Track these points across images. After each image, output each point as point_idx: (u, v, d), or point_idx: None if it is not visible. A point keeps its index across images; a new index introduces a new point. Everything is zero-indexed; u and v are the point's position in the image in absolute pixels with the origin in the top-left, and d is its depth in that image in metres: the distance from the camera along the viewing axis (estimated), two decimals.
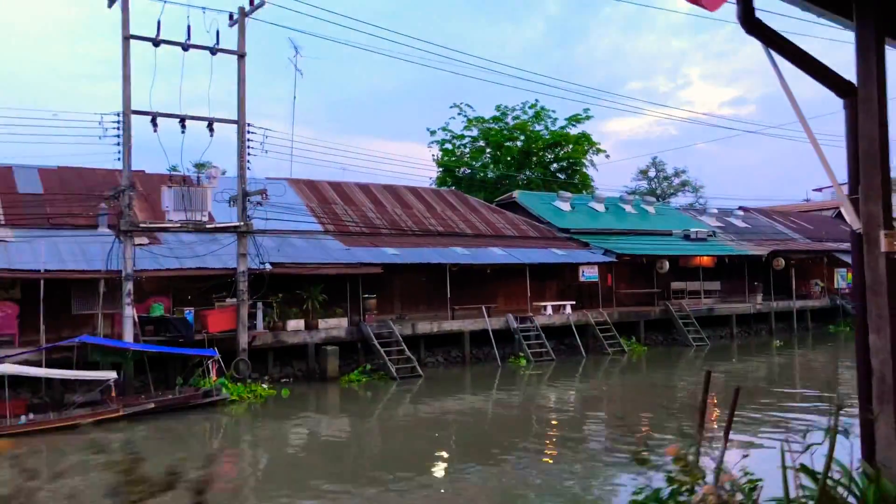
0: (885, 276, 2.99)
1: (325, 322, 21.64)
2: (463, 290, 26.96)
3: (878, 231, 3.01)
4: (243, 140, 19.12)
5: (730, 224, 37.96)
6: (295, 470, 12.89)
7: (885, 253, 3.00)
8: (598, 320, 27.11)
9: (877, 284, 3.01)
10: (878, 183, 3.01)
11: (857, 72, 3.12)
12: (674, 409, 17.78)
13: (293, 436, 15.76)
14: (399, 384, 20.76)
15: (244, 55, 19.18)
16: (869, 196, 3.03)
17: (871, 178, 3.04)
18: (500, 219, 30.03)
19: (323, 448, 14.76)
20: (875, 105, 3.01)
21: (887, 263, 3.00)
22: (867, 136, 3.04)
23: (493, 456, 13.12)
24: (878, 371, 3.00)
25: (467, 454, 13.50)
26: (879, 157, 3.01)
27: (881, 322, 2.99)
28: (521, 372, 23.30)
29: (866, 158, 3.04)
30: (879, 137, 3.01)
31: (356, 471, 12.64)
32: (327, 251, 22.43)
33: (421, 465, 12.80)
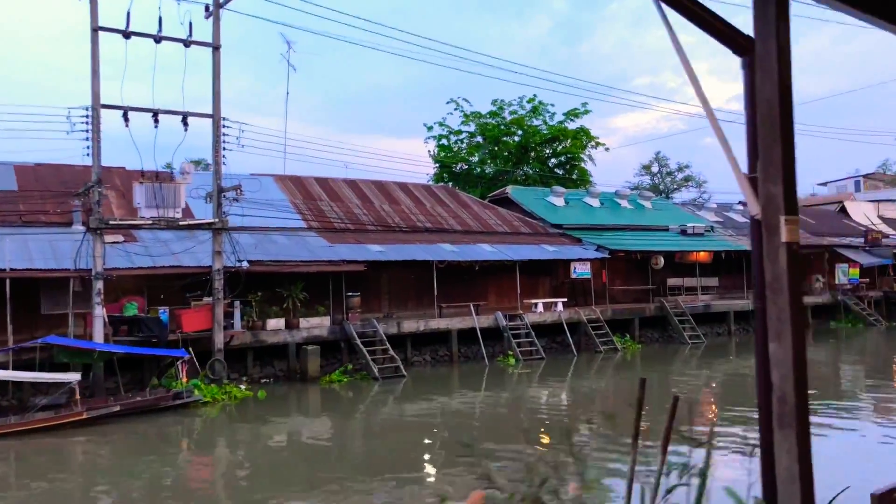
0: (787, 272, 2.44)
1: (306, 321, 21.15)
2: (453, 288, 26.43)
3: (778, 217, 2.46)
4: (218, 135, 18.64)
5: (729, 219, 37.27)
6: (263, 477, 12.40)
7: (786, 243, 2.45)
8: (590, 318, 26.53)
9: (777, 281, 2.46)
10: (779, 157, 2.46)
11: (755, 24, 2.57)
12: (653, 410, 17.23)
13: (265, 439, 15.25)
14: (381, 384, 20.26)
15: (219, 47, 18.69)
16: (768, 174, 2.49)
17: (770, 151, 2.49)
18: (492, 215, 29.47)
19: (295, 452, 14.26)
20: (774, 63, 2.46)
21: (789, 256, 2.45)
22: (766, 101, 2.49)
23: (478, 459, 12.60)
24: (778, 388, 2.45)
25: (452, 458, 12.98)
26: (780, 125, 2.46)
27: (782, 327, 2.44)
28: (509, 371, 22.77)
29: (765, 127, 2.49)
30: (780, 102, 2.46)
31: (331, 478, 12.10)
32: (309, 248, 21.93)
33: (403, 469, 12.29)
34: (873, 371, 23.33)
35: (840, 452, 12.19)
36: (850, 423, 15.02)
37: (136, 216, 19.60)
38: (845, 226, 43.57)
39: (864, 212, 48.82)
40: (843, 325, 33.35)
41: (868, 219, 47.44)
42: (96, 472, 12.67)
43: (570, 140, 45.95)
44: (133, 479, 11.89)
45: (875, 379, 21.78)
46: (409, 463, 12.81)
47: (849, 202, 49.76)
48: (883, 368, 23.92)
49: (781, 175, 2.45)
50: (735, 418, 15.56)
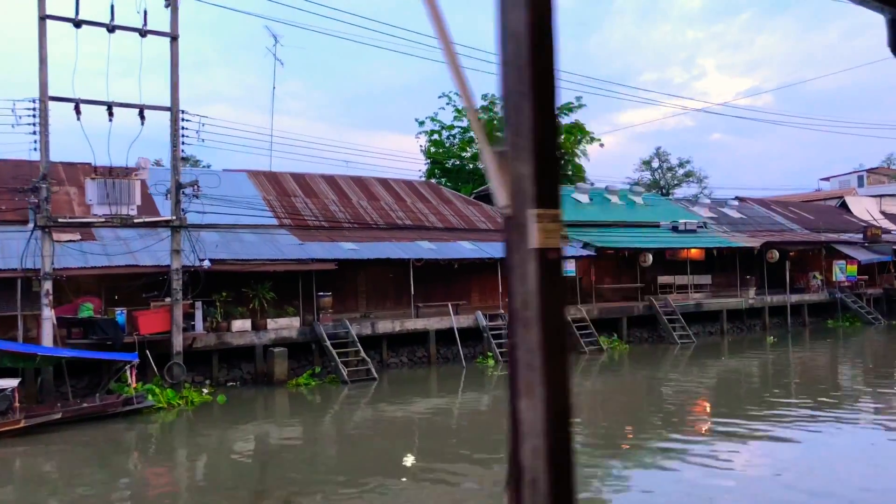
0: (539, 295, 1.63)
1: (274, 322, 20.38)
2: (434, 287, 25.64)
3: (524, 211, 1.65)
4: (177, 128, 17.86)
5: (723, 215, 36.32)
6: (212, 488, 11.65)
7: (537, 250, 1.64)
8: (574, 317, 25.66)
9: (526, 309, 1.65)
10: (529, 121, 1.64)
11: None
12: (635, 414, 16.41)
13: (218, 447, 14.47)
14: (350, 388, 19.48)
15: (177, 37, 17.91)
16: (516, 146, 1.66)
17: (519, 111, 1.66)
18: (475, 211, 28.64)
19: (249, 460, 13.47)
20: None
21: (543, 271, 1.64)
22: (514, 36, 1.66)
23: (441, 472, 11.82)
24: (529, 469, 1.63)
25: (421, 468, 12.19)
26: (531, 73, 1.64)
27: (531, 376, 1.64)
28: (488, 373, 21.95)
29: (512, 76, 1.67)
30: (531, 36, 1.64)
31: (279, 489, 11.33)
32: (279, 246, 21.15)
33: (371, 476, 11.49)
34: (871, 373, 22.41)
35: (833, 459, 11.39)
36: (849, 427, 14.17)
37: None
38: (846, 221, 42.56)
39: (865, 207, 47.78)
40: (840, 324, 32.39)
41: (870, 214, 46.40)
42: (34, 484, 11.93)
43: (563, 135, 45.05)
44: (74, 491, 11.17)
45: (873, 381, 20.87)
46: (376, 470, 12.02)
47: (850, 197, 48.71)
48: (882, 369, 22.98)
49: (532, 147, 1.62)
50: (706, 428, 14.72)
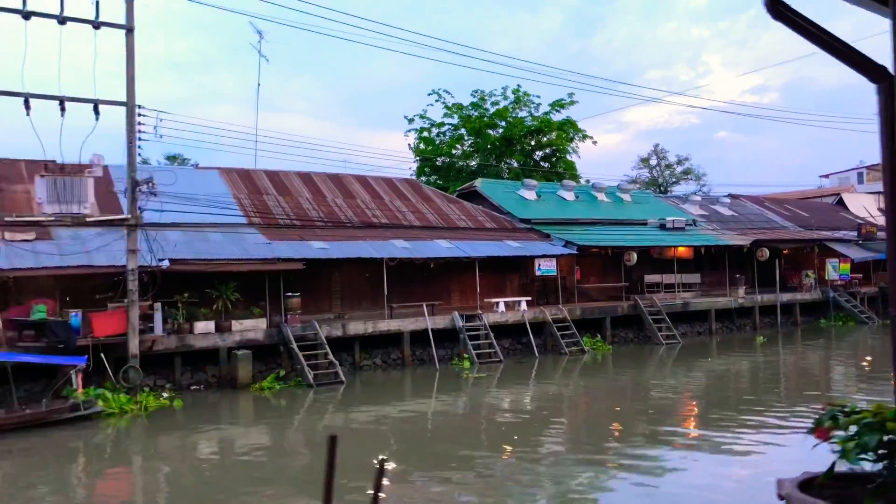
0: None
1: (239, 324, 19.75)
2: (412, 287, 25.02)
3: None
4: (133, 123, 17.24)
5: (714, 212, 35.57)
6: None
7: None
8: (556, 317, 25.01)
9: None
10: None
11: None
12: (610, 420, 15.72)
13: (167, 455, 13.87)
14: (316, 392, 18.85)
15: (132, 29, 17.27)
16: None
17: None
18: (456, 209, 27.97)
19: (199, 470, 12.82)
20: None
21: None
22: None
23: (409, 480, 11.15)
24: None
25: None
26: None
27: None
28: (463, 375, 21.28)
29: None
30: None
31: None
32: (245, 246, 20.53)
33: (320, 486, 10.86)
34: (862, 376, 21.69)
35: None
36: None
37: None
38: (842, 219, 41.77)
39: (863, 204, 47.01)
40: (833, 323, 31.65)
41: (867, 211, 45.61)
42: None
43: (556, 132, 44.32)
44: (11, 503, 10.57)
45: (862, 385, 20.15)
46: (340, 478, 11.39)
47: (846, 194, 47.93)
48: (873, 371, 22.25)
49: None
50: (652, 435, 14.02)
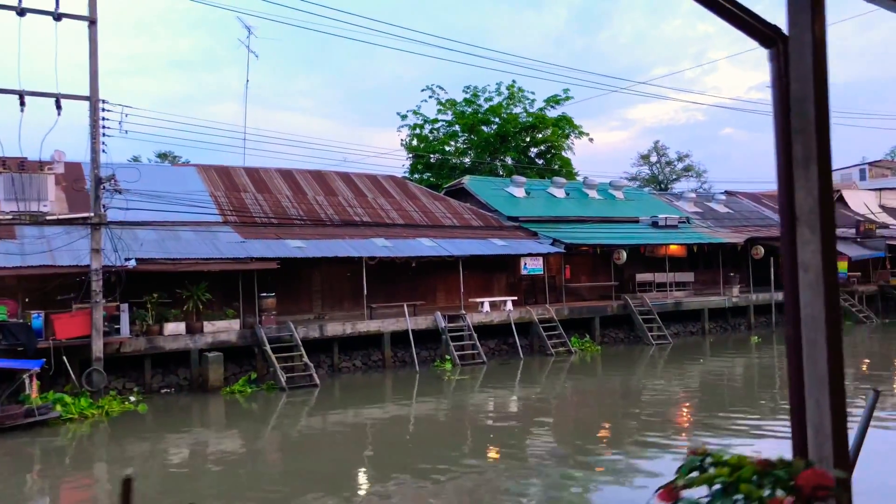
0: None
1: (211, 325, 19.21)
2: (396, 287, 24.46)
3: None
4: (97, 118, 16.69)
5: (709, 209, 34.88)
6: None
7: None
8: (542, 317, 24.40)
9: None
10: None
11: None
12: (587, 426, 15.11)
13: (128, 463, 13.32)
14: (289, 395, 18.29)
15: (95, 21, 16.72)
16: None
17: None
18: (441, 207, 27.37)
19: (159, 480, 12.26)
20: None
21: None
22: None
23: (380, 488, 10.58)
24: None
25: (357, 485, 10.98)
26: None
27: None
28: (445, 378, 20.69)
29: None
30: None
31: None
32: (218, 244, 19.97)
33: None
34: (858, 377, 21.02)
35: None
36: None
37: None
38: (841, 216, 40.98)
39: (863, 201, 46.18)
40: None
41: (868, 208, 44.80)
42: None
43: (551, 128, 43.67)
44: None
45: (857, 388, 19.47)
46: (307, 488, 10.83)
47: (846, 191, 47.09)
48: (869, 372, 21.59)
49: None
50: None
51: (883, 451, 11.05)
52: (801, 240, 2.00)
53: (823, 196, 1.93)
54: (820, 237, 1.96)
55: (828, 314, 1.96)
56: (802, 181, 1.95)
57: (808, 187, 1.94)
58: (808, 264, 1.99)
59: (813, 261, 1.98)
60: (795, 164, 1.95)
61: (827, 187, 1.94)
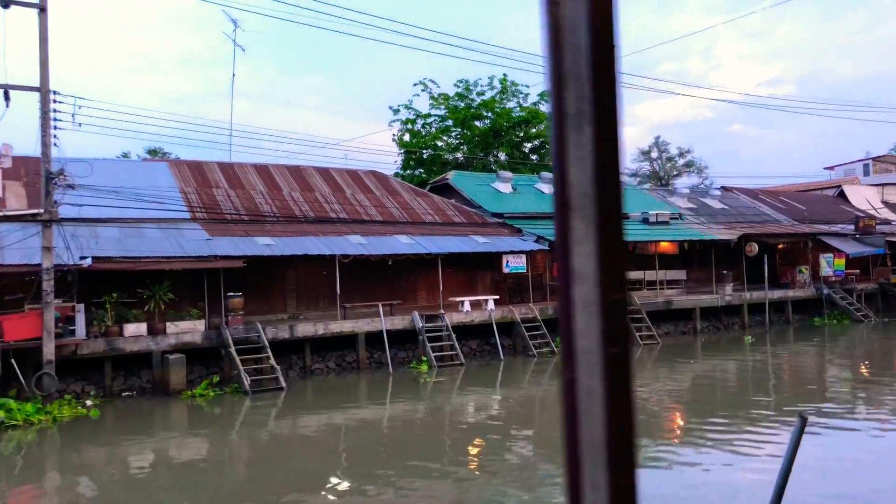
0: None
1: (175, 325, 18.48)
2: (374, 285, 23.70)
3: None
4: (47, 110, 15.96)
5: (703, 205, 33.97)
6: None
7: None
8: (526, 317, 23.59)
9: None
10: None
11: None
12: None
13: (74, 472, 12.61)
14: (252, 399, 17.53)
15: (45, 8, 15.98)
16: None
17: None
18: (423, 203, 26.57)
19: (90, 496, 11.53)
20: None
21: None
22: None
23: None
24: None
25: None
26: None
27: None
28: (421, 380, 19.91)
29: None
30: None
31: None
32: (182, 242, 19.23)
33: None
34: (851, 381, 20.19)
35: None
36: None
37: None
38: (841, 212, 40.03)
39: (865, 196, 45.19)
40: (827, 321, 30.04)
41: (869, 204, 43.82)
42: None
43: (544, 123, 42.79)
44: None
45: (847, 394, 18.62)
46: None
47: (848, 186, 46.10)
48: (864, 375, 20.71)
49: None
50: None
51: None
52: (574, 237, 1.20)
53: (604, 173, 1.14)
54: (595, 234, 1.17)
55: (606, 348, 1.18)
56: (576, 151, 1.14)
57: (581, 159, 1.14)
58: (582, 273, 1.20)
59: (586, 268, 1.19)
60: (567, 125, 1.15)
61: (609, 159, 1.14)
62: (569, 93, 1.15)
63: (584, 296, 1.19)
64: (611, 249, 1.17)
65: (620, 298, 1.18)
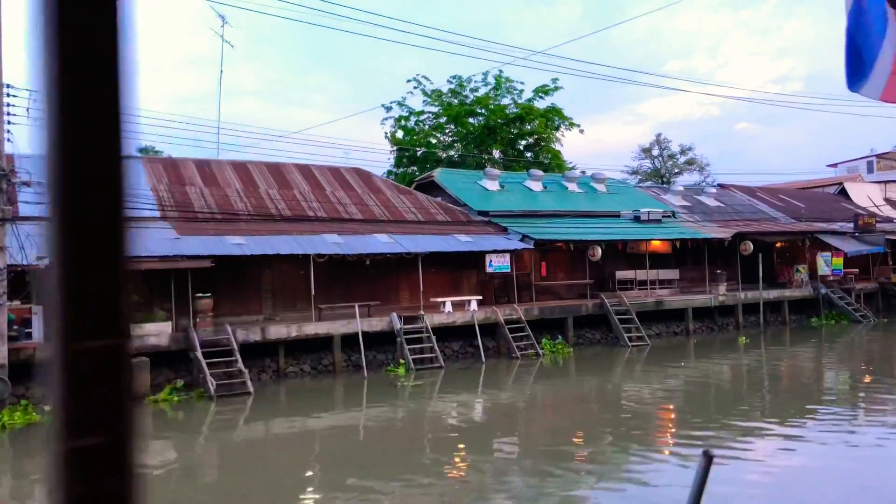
0: None
1: (140, 328, 17.83)
2: (354, 286, 23.02)
3: None
4: (0, 104, 15.32)
5: (698, 203, 33.16)
6: None
7: None
8: (510, 318, 22.88)
9: None
10: None
11: None
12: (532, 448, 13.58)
13: (11, 483, 12.00)
14: (218, 404, 16.88)
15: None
16: None
17: None
18: (407, 201, 25.87)
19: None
20: None
21: None
22: None
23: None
24: None
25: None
26: None
27: None
28: (399, 384, 19.22)
29: None
30: None
31: None
32: (148, 242, 18.57)
33: None
34: (843, 386, 19.43)
35: None
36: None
37: None
38: (842, 209, 39.14)
39: (867, 194, 44.26)
40: (824, 322, 29.21)
41: (871, 201, 42.91)
42: None
43: (539, 120, 42.03)
44: None
45: (836, 401, 17.86)
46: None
47: (849, 183, 45.17)
48: (859, 380, 19.95)
49: None
50: None
51: None
52: None
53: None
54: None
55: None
56: None
57: None
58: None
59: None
60: None
61: None
62: None
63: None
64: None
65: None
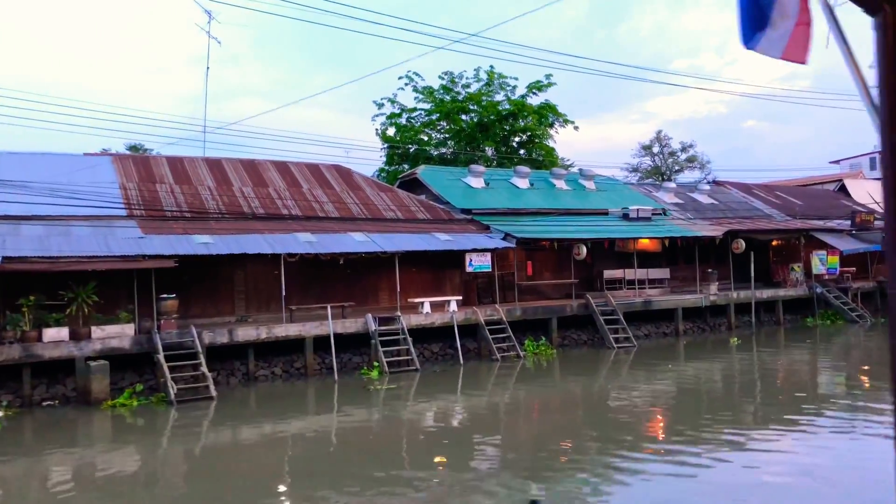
0: None
1: (101, 330, 17.27)
2: (330, 286, 22.46)
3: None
4: None
5: (691, 200, 32.42)
6: None
7: None
8: (491, 318, 22.24)
9: None
10: None
11: None
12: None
13: None
14: (179, 409, 16.28)
15: None
16: None
17: None
18: (387, 199, 25.24)
19: None
20: None
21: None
22: None
23: None
24: None
25: None
26: None
27: None
28: (372, 387, 18.59)
29: None
30: None
31: None
32: (111, 241, 18.02)
33: None
34: (835, 391, 18.72)
35: None
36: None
37: None
38: (841, 207, 38.36)
39: (867, 190, 43.43)
40: (820, 322, 28.45)
41: (871, 198, 42.06)
42: None
43: (532, 116, 41.35)
44: None
45: (827, 406, 17.14)
46: None
47: (849, 180, 44.36)
48: (855, 383, 19.22)
49: None
50: None
51: None
52: None
53: None
54: None
55: None
56: None
57: None
58: None
59: None
60: None
61: None
62: None
63: None
64: None
65: None
